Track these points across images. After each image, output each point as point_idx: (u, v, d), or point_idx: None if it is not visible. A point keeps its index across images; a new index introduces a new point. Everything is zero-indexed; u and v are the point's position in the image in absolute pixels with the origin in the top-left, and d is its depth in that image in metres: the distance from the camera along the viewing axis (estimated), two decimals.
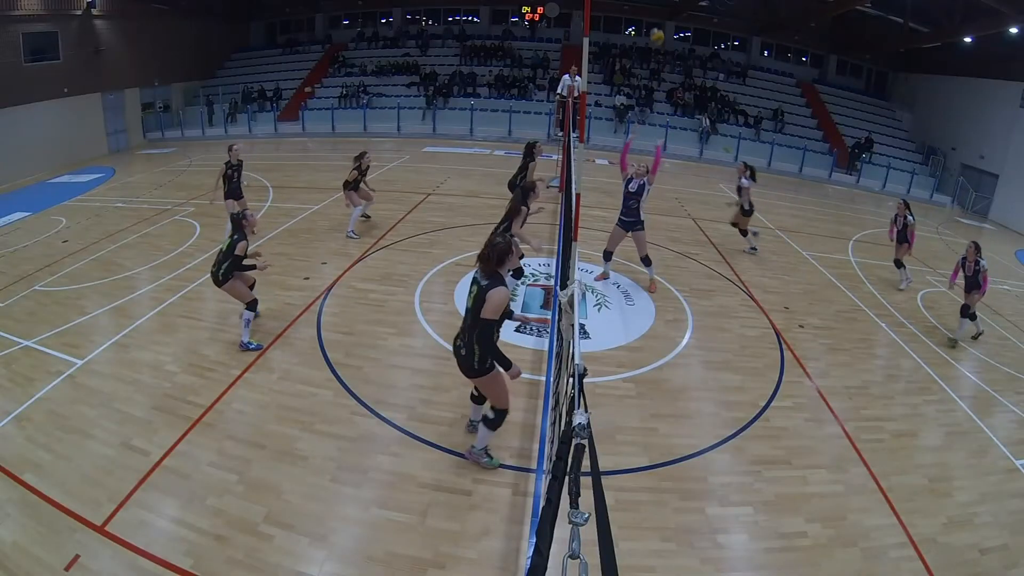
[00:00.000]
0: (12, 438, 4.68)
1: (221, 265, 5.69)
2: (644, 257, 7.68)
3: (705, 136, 20.20)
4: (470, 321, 3.95)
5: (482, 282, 3.87)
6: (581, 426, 2.16)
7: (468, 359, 4.00)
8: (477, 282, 3.91)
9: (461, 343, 4.06)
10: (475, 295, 3.88)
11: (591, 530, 1.69)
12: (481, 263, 3.93)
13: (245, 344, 5.96)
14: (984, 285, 7.58)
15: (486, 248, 3.90)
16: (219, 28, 24.45)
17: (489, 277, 3.86)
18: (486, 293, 3.80)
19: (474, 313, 3.88)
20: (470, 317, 3.95)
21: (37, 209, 11.62)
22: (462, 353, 4.05)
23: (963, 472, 4.99)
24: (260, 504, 4.03)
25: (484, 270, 3.90)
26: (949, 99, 20.77)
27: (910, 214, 9.20)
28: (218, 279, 5.73)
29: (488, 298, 3.78)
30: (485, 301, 3.80)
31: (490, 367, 4.02)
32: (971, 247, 7.68)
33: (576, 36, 24.13)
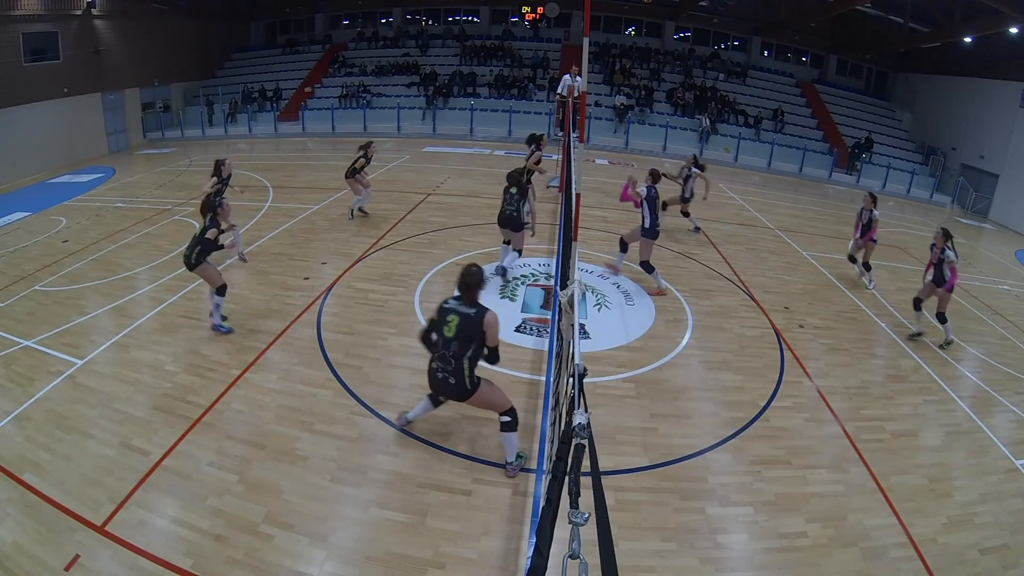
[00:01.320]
0: (12, 438, 4.68)
1: (194, 249, 5.93)
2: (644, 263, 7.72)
3: (705, 136, 20.21)
4: (456, 348, 3.99)
5: (467, 311, 3.96)
6: (581, 426, 2.16)
7: (460, 384, 4.06)
8: (456, 311, 3.98)
9: (446, 372, 4.06)
10: (460, 323, 3.95)
11: (591, 530, 1.69)
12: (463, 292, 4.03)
13: (217, 326, 6.19)
14: (951, 280, 7.09)
15: (464, 278, 4.03)
16: (219, 28, 24.46)
17: (473, 305, 3.99)
18: (481, 321, 3.92)
19: (463, 340, 3.96)
20: (456, 344, 3.98)
21: (37, 209, 11.62)
22: (451, 382, 4.07)
23: (963, 472, 4.99)
24: (260, 504, 4.03)
25: (467, 299, 4.02)
26: (949, 99, 20.77)
27: (875, 208, 8.81)
28: (191, 263, 5.96)
29: (488, 326, 3.93)
30: (486, 329, 3.93)
31: (479, 381, 4.12)
32: (939, 233, 7.16)
33: (576, 36, 24.13)
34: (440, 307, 4.09)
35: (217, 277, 6.16)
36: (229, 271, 7.99)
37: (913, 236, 13.49)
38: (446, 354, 4.03)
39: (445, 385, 4.12)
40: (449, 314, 4.01)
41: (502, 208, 7.49)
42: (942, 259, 7.10)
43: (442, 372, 4.08)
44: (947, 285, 7.14)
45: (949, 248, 7.06)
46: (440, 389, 4.22)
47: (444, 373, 4.07)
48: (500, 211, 7.54)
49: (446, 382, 4.09)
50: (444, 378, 4.09)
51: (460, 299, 4.05)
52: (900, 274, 10.14)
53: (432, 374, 4.18)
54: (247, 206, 11.02)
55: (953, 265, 7.08)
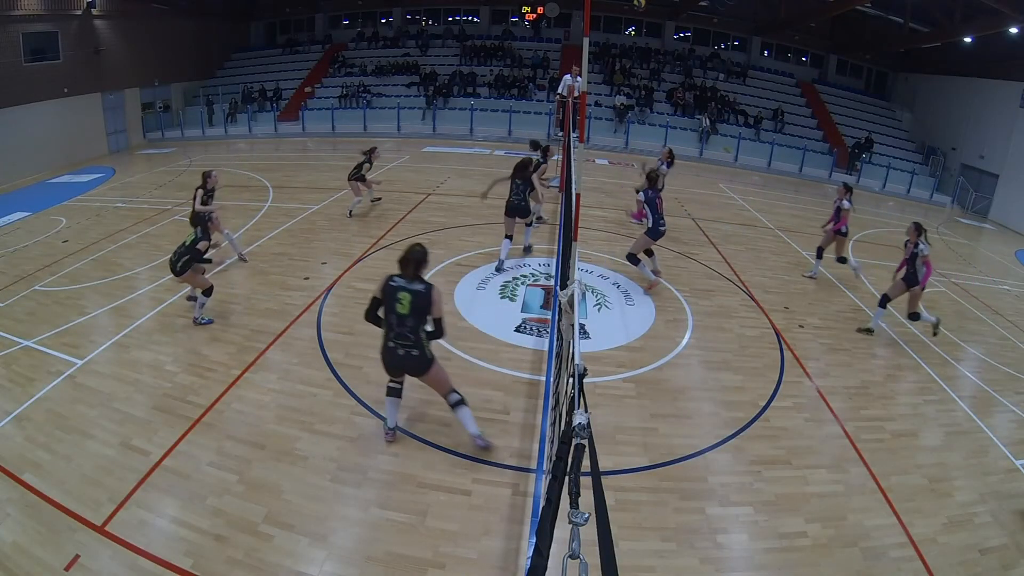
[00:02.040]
0: (12, 438, 4.68)
1: (181, 258, 6.11)
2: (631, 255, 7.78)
3: (705, 136, 20.21)
4: (412, 323, 4.12)
5: (416, 287, 4.09)
6: (581, 426, 2.16)
7: (422, 355, 4.21)
8: (406, 288, 4.09)
9: (406, 347, 4.17)
10: (413, 300, 4.08)
11: (591, 530, 1.69)
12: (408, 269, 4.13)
13: (197, 319, 6.38)
14: (925, 276, 6.93)
15: (409, 255, 4.13)
16: (219, 28, 24.46)
17: (419, 282, 4.13)
18: (430, 295, 4.09)
19: (417, 314, 4.10)
20: (411, 320, 4.11)
21: (37, 209, 11.62)
22: (414, 354, 4.19)
23: (963, 472, 4.99)
24: (260, 504, 4.03)
25: (408, 275, 4.12)
26: (949, 99, 20.78)
27: (847, 199, 8.58)
28: (176, 269, 6.13)
29: (435, 299, 4.11)
30: (433, 302, 4.10)
31: (433, 356, 4.30)
32: (911, 227, 7.00)
33: (576, 36, 24.13)
34: (386, 286, 4.13)
35: (204, 281, 6.39)
36: (229, 271, 8.01)
37: None
38: (403, 331, 4.14)
39: (408, 359, 4.21)
40: (399, 292, 4.10)
41: (509, 198, 7.93)
42: (915, 253, 6.94)
43: (403, 348, 4.18)
44: (922, 282, 7.00)
45: (923, 242, 6.91)
46: (401, 365, 4.28)
47: (405, 348, 4.18)
48: (507, 201, 7.95)
49: (409, 356, 4.19)
50: (406, 353, 4.19)
51: (405, 276, 4.13)
52: None
53: (390, 353, 4.22)
54: (247, 206, 11.03)
55: (927, 259, 6.93)
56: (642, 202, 7.56)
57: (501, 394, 5.40)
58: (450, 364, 5.83)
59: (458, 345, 6.18)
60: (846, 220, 8.65)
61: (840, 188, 8.84)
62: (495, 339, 6.35)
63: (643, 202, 7.55)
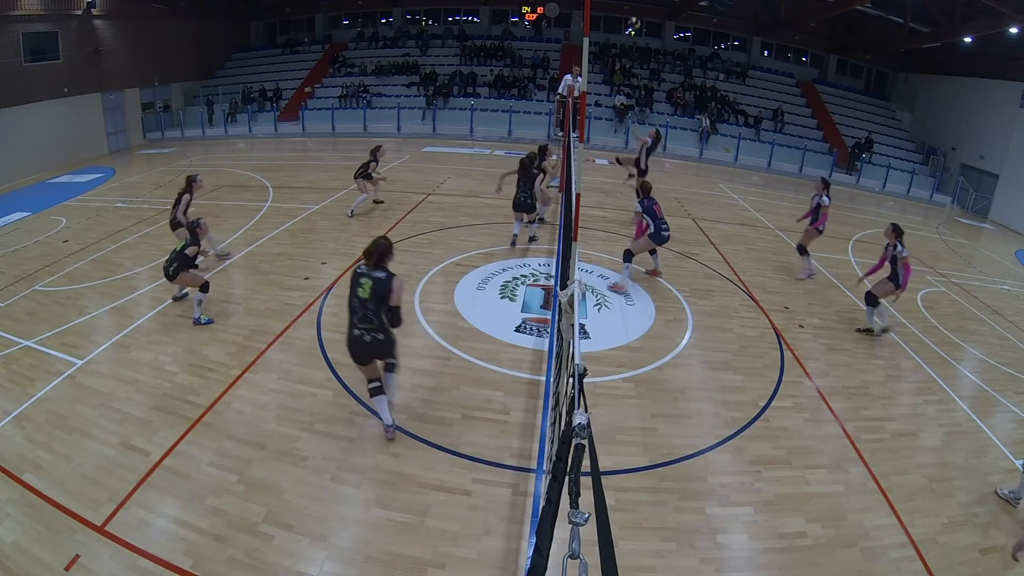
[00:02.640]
0: (12, 438, 4.68)
1: (172, 263, 6.34)
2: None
3: (705, 136, 20.21)
4: (373, 307, 4.32)
5: (378, 275, 4.31)
6: (581, 426, 2.16)
7: (387, 337, 4.43)
8: (368, 276, 4.31)
9: (371, 331, 4.37)
10: (373, 286, 4.28)
11: (591, 530, 1.69)
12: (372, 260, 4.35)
13: (197, 319, 6.44)
14: (905, 277, 6.92)
15: (373, 248, 4.35)
16: (219, 28, 24.45)
17: (381, 271, 4.34)
18: (390, 283, 4.30)
19: (377, 299, 4.30)
20: (372, 304, 4.31)
21: (37, 209, 11.62)
22: (379, 338, 4.39)
23: (963, 472, 4.99)
24: (260, 504, 4.03)
25: (371, 265, 4.34)
26: (949, 99, 20.78)
27: (826, 195, 8.47)
28: (168, 274, 6.39)
29: (395, 288, 4.31)
30: (392, 291, 4.30)
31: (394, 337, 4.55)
32: (889, 229, 7.03)
33: (576, 36, 24.13)
34: (353, 274, 4.39)
35: (198, 279, 6.51)
36: (229, 271, 8.00)
37: (913, 236, 13.48)
38: (367, 314, 4.33)
39: (375, 344, 4.40)
40: (362, 278, 4.33)
41: (516, 194, 8.66)
42: (895, 256, 6.96)
43: (368, 334, 4.37)
44: (903, 284, 6.99)
45: (901, 244, 6.94)
46: (368, 350, 4.44)
47: (371, 334, 4.37)
48: (514, 197, 8.71)
49: (375, 340, 4.39)
50: (372, 339, 4.38)
51: (370, 266, 4.37)
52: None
53: (357, 341, 4.39)
54: (247, 206, 11.03)
55: (907, 261, 6.94)
56: (640, 213, 7.58)
57: (501, 394, 5.40)
58: (450, 364, 5.85)
59: (458, 345, 6.18)
60: (826, 217, 8.54)
61: (819, 183, 8.74)
62: (495, 339, 6.36)
63: (641, 212, 7.58)
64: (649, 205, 7.55)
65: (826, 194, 8.49)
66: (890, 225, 7.11)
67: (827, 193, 8.50)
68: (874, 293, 7.23)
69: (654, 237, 7.61)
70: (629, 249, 7.72)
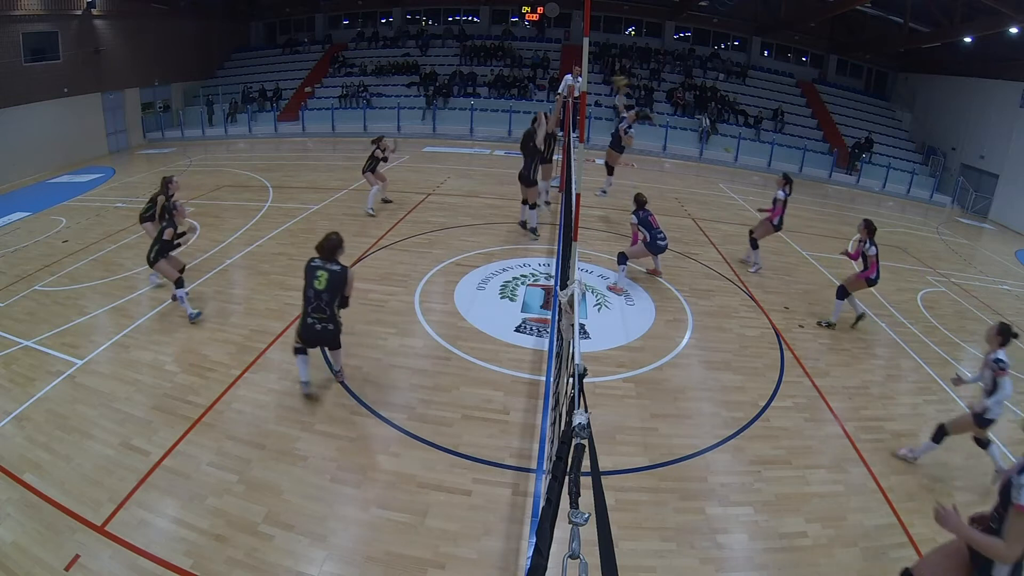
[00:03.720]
0: (12, 438, 4.68)
1: (152, 248, 6.47)
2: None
3: (705, 136, 20.21)
4: (328, 298, 4.70)
5: (333, 268, 4.70)
6: (581, 426, 2.16)
7: (336, 327, 4.84)
8: (324, 268, 4.69)
9: (323, 321, 4.76)
10: (329, 278, 4.67)
11: (591, 530, 1.69)
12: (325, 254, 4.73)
13: (191, 315, 6.49)
14: (868, 271, 7.07)
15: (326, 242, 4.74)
16: (219, 28, 24.46)
17: (335, 263, 4.73)
18: (345, 275, 4.72)
19: (332, 290, 4.69)
20: (327, 295, 4.69)
21: (37, 209, 11.62)
22: (329, 328, 4.80)
23: (963, 472, 4.99)
24: (260, 504, 4.03)
25: (325, 258, 4.73)
26: (949, 99, 20.78)
27: (782, 190, 8.37)
28: (149, 260, 6.52)
29: (349, 279, 4.74)
30: (347, 282, 4.73)
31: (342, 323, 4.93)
32: (862, 225, 7.11)
33: (576, 36, 24.14)
34: (307, 266, 4.75)
35: (173, 272, 6.57)
36: (229, 271, 8.01)
37: (914, 236, 13.51)
38: (320, 304, 4.71)
39: (324, 332, 4.82)
40: (318, 271, 4.70)
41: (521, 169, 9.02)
42: (864, 253, 7.08)
43: (320, 323, 4.76)
44: (862, 274, 7.15)
45: (871, 242, 7.04)
46: (318, 337, 4.87)
47: (322, 323, 4.76)
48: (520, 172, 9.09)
49: (325, 330, 4.81)
50: (323, 328, 4.79)
51: (323, 259, 4.74)
52: (900, 274, 10.14)
53: (309, 328, 4.80)
54: (247, 206, 11.03)
55: (874, 261, 7.04)
56: (636, 224, 7.59)
57: (501, 394, 5.40)
58: (450, 364, 5.85)
59: (458, 345, 6.18)
60: (780, 211, 8.48)
61: (779, 178, 8.67)
62: (495, 339, 6.36)
63: (636, 224, 7.59)
64: (644, 216, 7.59)
65: (783, 188, 8.41)
66: (863, 221, 7.17)
67: (785, 188, 8.42)
68: (845, 286, 7.36)
69: (650, 247, 7.67)
70: (623, 252, 7.73)
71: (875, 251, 7.06)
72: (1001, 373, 4.52)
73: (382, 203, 10.84)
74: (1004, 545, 2.67)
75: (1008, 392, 4.54)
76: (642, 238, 7.65)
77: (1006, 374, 4.52)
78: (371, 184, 10.38)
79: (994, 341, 4.72)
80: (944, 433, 4.86)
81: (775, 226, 8.63)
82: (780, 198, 8.42)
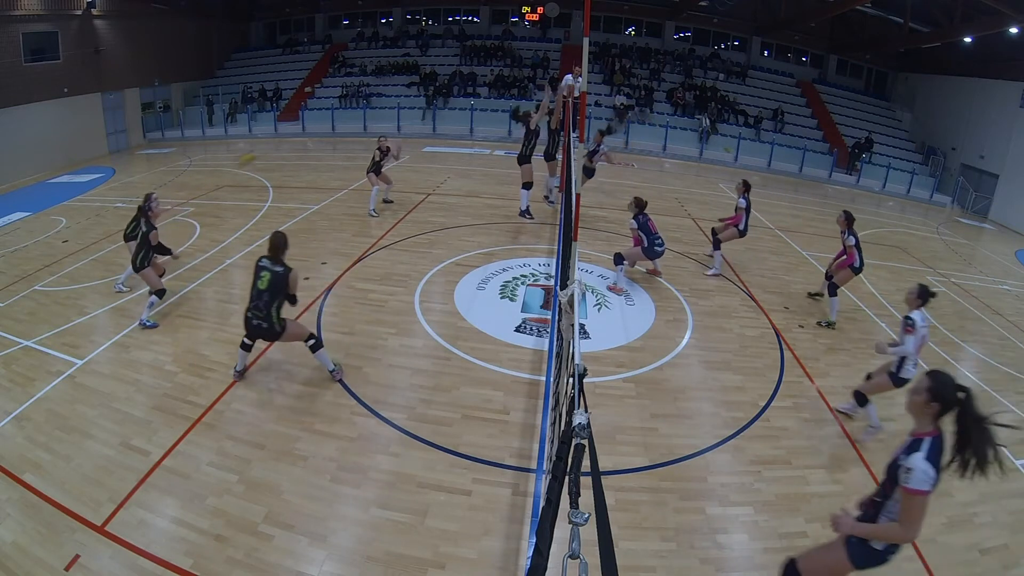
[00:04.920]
0: (12, 438, 4.68)
1: (138, 254, 6.49)
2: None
3: (705, 136, 20.20)
4: (267, 298, 4.89)
5: (276, 268, 4.88)
6: (581, 426, 2.16)
7: (271, 327, 4.98)
8: (268, 269, 4.88)
9: (259, 318, 4.94)
10: (271, 279, 4.86)
11: (591, 530, 1.69)
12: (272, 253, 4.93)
13: (143, 321, 6.43)
14: (848, 259, 7.30)
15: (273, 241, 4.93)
16: (219, 28, 24.46)
17: (280, 264, 4.90)
18: (287, 277, 4.87)
19: (273, 292, 4.88)
20: (267, 295, 4.88)
21: (37, 209, 11.62)
22: (263, 326, 4.97)
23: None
24: (260, 504, 4.03)
25: (273, 257, 4.92)
26: (949, 99, 20.77)
27: (744, 197, 8.34)
28: (136, 265, 6.51)
29: (291, 281, 4.90)
30: (288, 284, 4.89)
31: (285, 322, 5.07)
32: (841, 216, 7.34)
33: (576, 36, 24.13)
34: (256, 264, 4.94)
35: (157, 282, 6.60)
36: (229, 271, 8.00)
37: (914, 236, 13.50)
38: (259, 303, 4.90)
39: (259, 329, 5.00)
40: (263, 271, 4.90)
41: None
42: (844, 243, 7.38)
43: (256, 319, 4.96)
44: (843, 263, 7.40)
45: (851, 232, 7.30)
46: (256, 333, 5.04)
47: (258, 320, 4.95)
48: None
49: (259, 326, 4.98)
50: (258, 324, 4.97)
51: (271, 259, 4.92)
52: (900, 274, 10.14)
53: (248, 321, 5.01)
54: (247, 206, 11.03)
55: (852, 250, 7.30)
56: (635, 229, 7.59)
57: (501, 394, 5.40)
58: (450, 364, 5.85)
59: (458, 345, 6.18)
60: (740, 218, 8.42)
61: (739, 185, 8.63)
62: (495, 339, 6.36)
63: (636, 229, 7.59)
64: (644, 221, 7.59)
65: (744, 196, 8.39)
66: (843, 212, 7.42)
67: (745, 195, 8.39)
68: (836, 282, 7.48)
69: (647, 252, 7.68)
70: (619, 253, 7.72)
71: (854, 240, 7.31)
72: (909, 331, 4.85)
73: (384, 203, 10.84)
74: (901, 528, 2.76)
75: (909, 348, 4.86)
76: (641, 242, 7.66)
77: (913, 332, 4.83)
78: (372, 184, 10.38)
79: (914, 303, 5.08)
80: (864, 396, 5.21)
81: (740, 231, 8.53)
82: (742, 205, 8.37)
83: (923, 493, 2.63)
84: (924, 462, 2.63)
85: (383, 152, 10.29)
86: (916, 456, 2.66)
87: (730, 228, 8.59)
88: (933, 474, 2.62)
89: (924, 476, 2.61)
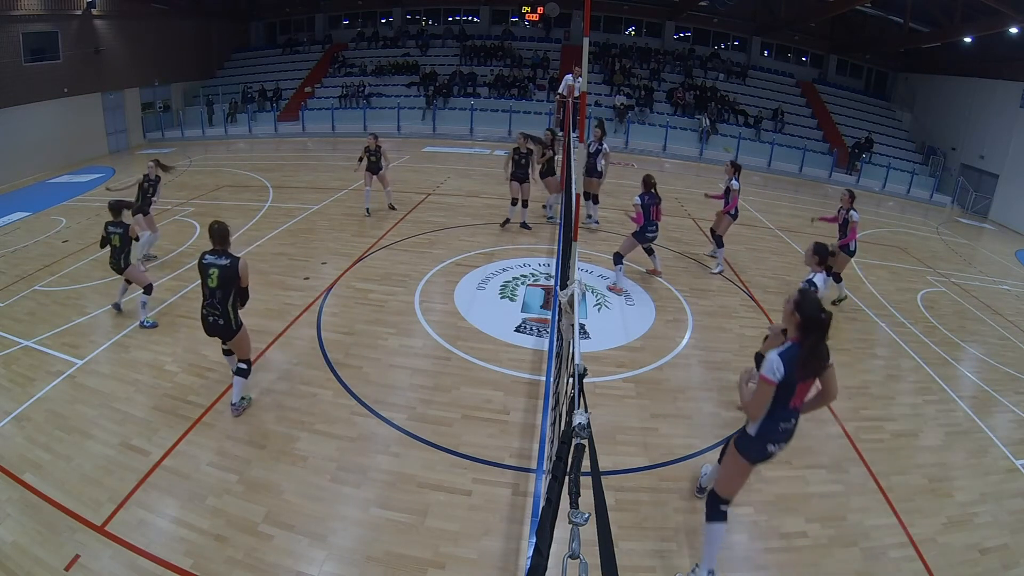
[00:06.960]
0: (12, 438, 4.67)
1: (119, 256, 6.40)
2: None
3: (705, 136, 20.20)
4: (221, 295, 4.66)
5: (223, 262, 4.60)
6: (581, 426, 2.16)
7: (227, 323, 4.76)
8: (215, 265, 4.60)
9: (215, 315, 4.74)
10: (220, 274, 4.59)
11: (591, 530, 1.69)
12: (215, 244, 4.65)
13: (142, 321, 6.41)
14: (848, 238, 7.62)
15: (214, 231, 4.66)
16: (219, 28, 24.47)
17: (226, 256, 4.63)
18: (235, 268, 4.60)
19: (225, 287, 4.63)
20: (220, 292, 4.64)
21: (37, 209, 11.62)
22: (220, 323, 4.76)
23: (963, 472, 4.98)
24: (260, 504, 4.03)
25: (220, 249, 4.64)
26: (949, 99, 20.77)
27: (735, 179, 8.28)
28: (120, 268, 6.45)
29: (242, 272, 4.64)
30: (239, 275, 4.62)
31: (242, 323, 4.86)
32: (845, 193, 7.73)
33: (576, 36, 24.13)
34: (200, 263, 4.68)
35: (144, 278, 6.55)
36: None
37: (914, 236, 13.50)
38: (213, 301, 4.69)
39: (216, 326, 4.80)
40: (209, 268, 4.63)
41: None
42: (847, 219, 7.62)
43: (212, 316, 4.76)
44: (841, 241, 7.63)
45: (854, 209, 7.59)
46: (213, 330, 4.84)
47: (214, 317, 4.75)
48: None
49: (216, 323, 4.78)
50: (215, 320, 4.77)
51: (215, 252, 4.64)
52: (901, 274, 10.14)
53: (204, 320, 4.82)
54: (247, 206, 11.03)
55: (855, 226, 7.60)
56: (638, 206, 7.54)
57: (501, 394, 5.40)
58: (450, 364, 5.85)
59: (458, 345, 6.18)
60: (736, 202, 8.40)
61: (727, 166, 8.60)
62: (495, 339, 6.36)
63: (639, 206, 7.53)
64: (648, 202, 7.46)
65: (735, 178, 8.34)
66: (846, 190, 7.83)
67: (737, 177, 8.35)
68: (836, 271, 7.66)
69: (638, 236, 7.55)
70: (618, 252, 7.70)
71: (857, 217, 7.59)
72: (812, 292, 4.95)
73: (389, 209, 10.62)
74: (746, 402, 3.25)
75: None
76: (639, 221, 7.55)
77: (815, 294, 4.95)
78: (367, 184, 10.25)
79: (811, 261, 5.32)
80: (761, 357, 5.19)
81: (733, 217, 8.49)
82: (735, 188, 8.30)
83: (767, 380, 3.05)
84: (776, 356, 3.07)
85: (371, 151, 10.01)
86: (772, 351, 3.11)
87: (724, 218, 8.51)
88: (781, 369, 3.03)
89: (770, 366, 3.05)
